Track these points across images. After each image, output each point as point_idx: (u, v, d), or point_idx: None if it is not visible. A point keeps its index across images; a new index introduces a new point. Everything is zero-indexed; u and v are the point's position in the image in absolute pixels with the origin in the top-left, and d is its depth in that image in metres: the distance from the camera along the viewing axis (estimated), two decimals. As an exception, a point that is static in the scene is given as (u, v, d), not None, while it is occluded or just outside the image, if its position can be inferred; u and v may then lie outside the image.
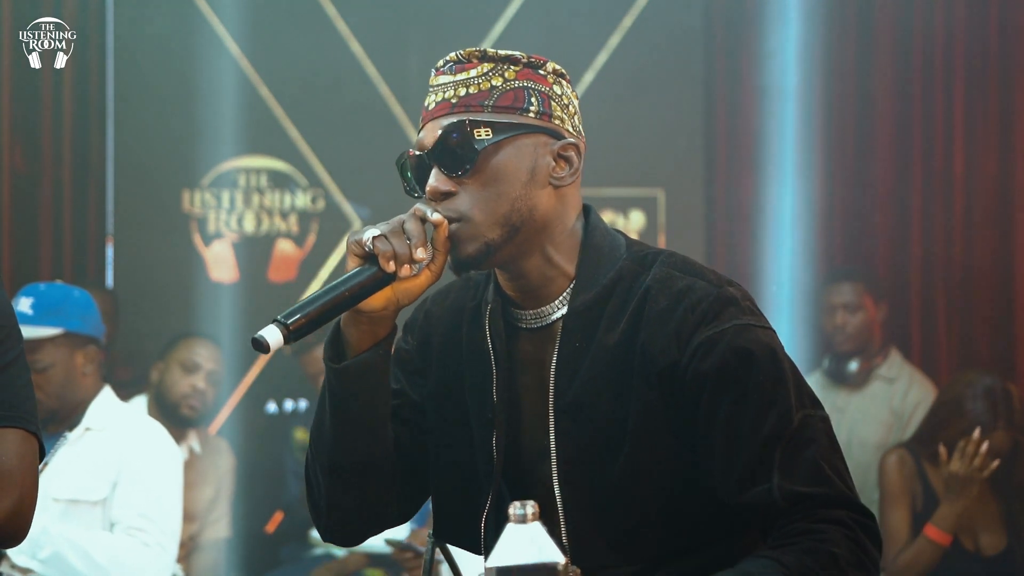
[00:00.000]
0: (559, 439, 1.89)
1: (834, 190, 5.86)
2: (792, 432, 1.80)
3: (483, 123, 1.86)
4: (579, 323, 1.90)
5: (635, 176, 5.95)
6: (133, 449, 3.64)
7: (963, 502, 4.29)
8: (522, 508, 1.57)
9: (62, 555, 3.41)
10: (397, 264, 1.82)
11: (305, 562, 5.01)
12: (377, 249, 1.82)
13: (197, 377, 4.87)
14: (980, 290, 5.73)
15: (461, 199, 1.87)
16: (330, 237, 5.97)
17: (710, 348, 1.83)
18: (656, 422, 1.85)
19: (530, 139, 1.89)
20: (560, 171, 1.91)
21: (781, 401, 1.81)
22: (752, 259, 5.84)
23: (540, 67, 1.92)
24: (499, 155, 1.87)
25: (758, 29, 5.89)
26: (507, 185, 1.87)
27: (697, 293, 1.86)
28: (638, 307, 1.88)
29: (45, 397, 3.51)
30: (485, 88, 1.88)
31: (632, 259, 1.93)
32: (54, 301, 3.60)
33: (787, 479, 1.78)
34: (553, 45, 5.89)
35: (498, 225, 1.87)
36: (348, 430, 1.93)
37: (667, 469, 1.85)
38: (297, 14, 5.95)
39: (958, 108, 5.76)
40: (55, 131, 5.71)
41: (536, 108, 1.89)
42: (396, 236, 1.83)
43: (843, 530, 1.77)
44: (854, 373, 5.18)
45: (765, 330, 1.87)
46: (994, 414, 4.39)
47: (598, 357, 1.88)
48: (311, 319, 1.80)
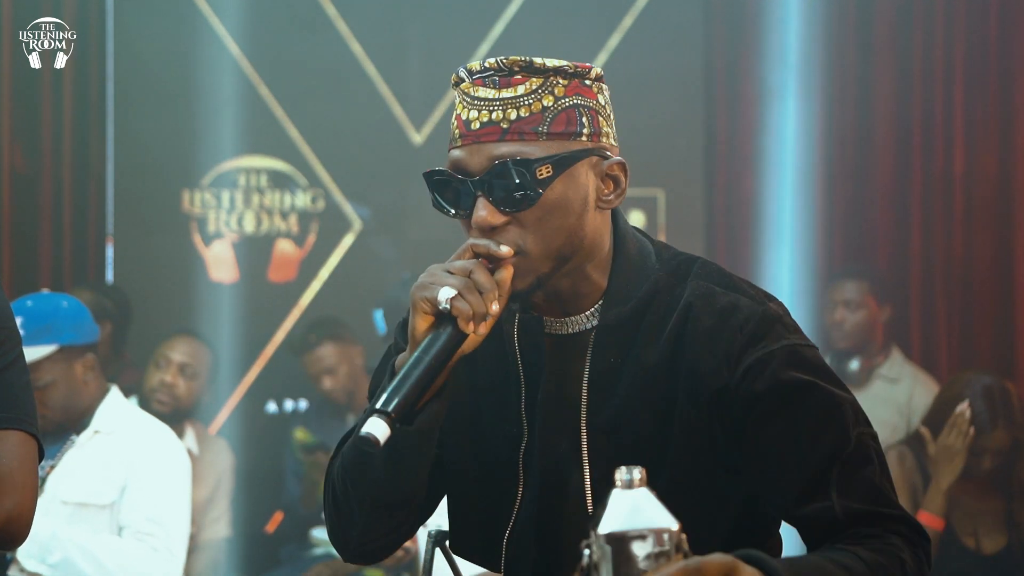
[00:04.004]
0: (592, 456, 1.84)
1: (834, 190, 5.86)
2: (850, 452, 1.78)
3: (543, 159, 1.76)
4: (613, 338, 1.84)
5: (635, 176, 5.86)
6: (142, 453, 3.64)
7: (949, 478, 4.34)
8: (628, 473, 1.50)
9: (71, 560, 3.41)
10: (476, 324, 1.72)
11: (305, 562, 5.01)
12: (457, 310, 1.71)
13: (167, 371, 4.86)
14: (980, 290, 5.73)
15: (514, 232, 1.78)
16: (330, 237, 5.97)
17: (761, 370, 1.78)
18: (699, 442, 1.81)
19: (584, 165, 1.80)
20: (608, 192, 1.84)
21: (838, 421, 1.78)
22: (752, 259, 5.84)
23: (586, 76, 1.83)
24: (557, 188, 1.78)
25: (758, 29, 5.89)
26: (564, 218, 1.78)
27: (744, 312, 1.81)
28: (679, 324, 1.82)
29: (50, 412, 3.50)
30: (537, 110, 1.78)
31: (666, 270, 1.87)
32: (44, 317, 3.55)
33: (845, 497, 1.76)
34: (553, 45, 5.89)
35: (552, 258, 1.79)
36: (401, 472, 1.83)
37: (706, 489, 1.82)
38: (297, 14, 5.95)
39: (958, 108, 5.76)
40: (55, 131, 5.71)
41: (588, 129, 1.81)
42: (471, 292, 1.72)
43: (907, 542, 1.76)
44: (855, 372, 5.18)
45: (812, 348, 1.83)
46: (993, 413, 4.40)
47: (636, 375, 1.83)
48: (409, 400, 1.71)
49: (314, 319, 5.67)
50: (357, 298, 5.74)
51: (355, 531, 1.91)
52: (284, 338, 5.90)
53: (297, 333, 5.71)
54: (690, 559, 1.46)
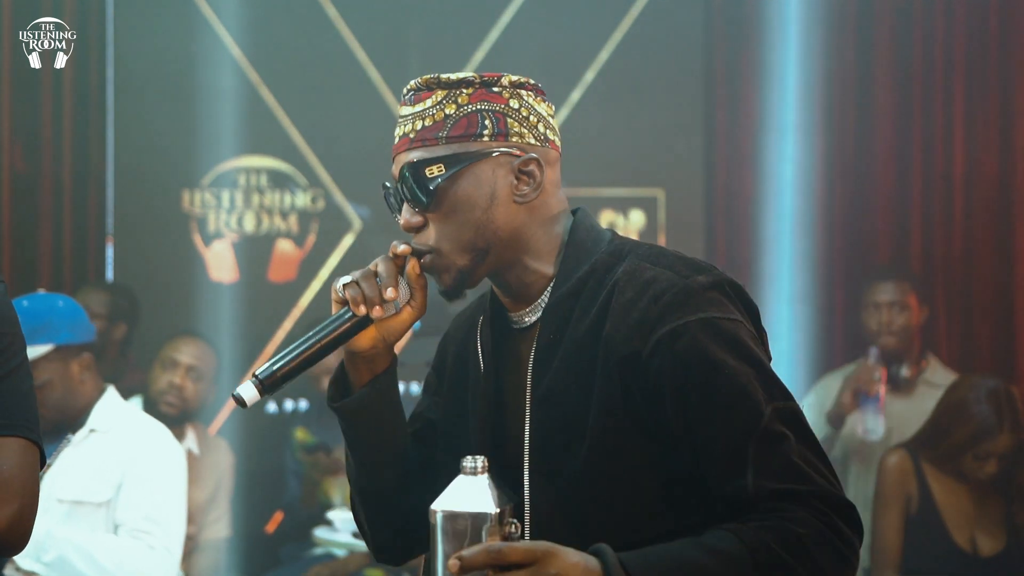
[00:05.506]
0: (533, 428, 1.91)
1: (834, 190, 5.86)
2: (763, 426, 1.79)
3: (435, 159, 1.90)
4: (554, 317, 1.92)
5: (635, 176, 5.95)
6: (138, 451, 3.64)
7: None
8: (473, 461, 1.74)
9: (67, 558, 3.41)
10: (368, 307, 1.90)
11: (305, 562, 5.01)
12: (347, 295, 1.91)
13: (174, 373, 4.87)
14: (980, 290, 5.74)
15: (430, 231, 1.93)
16: (330, 237, 5.97)
17: (672, 342, 1.82)
18: (618, 413, 1.84)
19: (487, 164, 1.91)
20: (523, 187, 1.93)
21: (750, 395, 1.80)
22: (752, 259, 5.84)
23: (494, 84, 1.93)
24: (455, 187, 1.91)
25: (758, 29, 5.89)
26: (467, 214, 1.91)
27: (661, 284, 1.86)
28: (606, 299, 1.89)
29: (47, 411, 3.49)
30: (439, 118, 1.92)
31: (609, 252, 1.94)
32: (39, 317, 3.54)
33: (761, 475, 1.77)
34: (553, 45, 5.90)
35: (465, 252, 1.92)
36: (366, 460, 2.01)
37: (629, 460, 1.85)
38: (297, 14, 5.95)
39: (958, 108, 5.76)
40: (55, 131, 5.71)
41: (490, 130, 1.92)
42: (367, 280, 1.92)
43: (813, 514, 1.76)
44: (905, 379, 5.06)
45: (731, 321, 1.84)
46: (999, 416, 4.39)
47: (568, 349, 1.90)
48: (288, 371, 1.87)
49: (314, 319, 5.67)
50: (357, 298, 5.73)
51: (366, 526, 2.06)
52: (284, 338, 5.90)
53: (297, 333, 5.71)
54: (504, 541, 1.67)
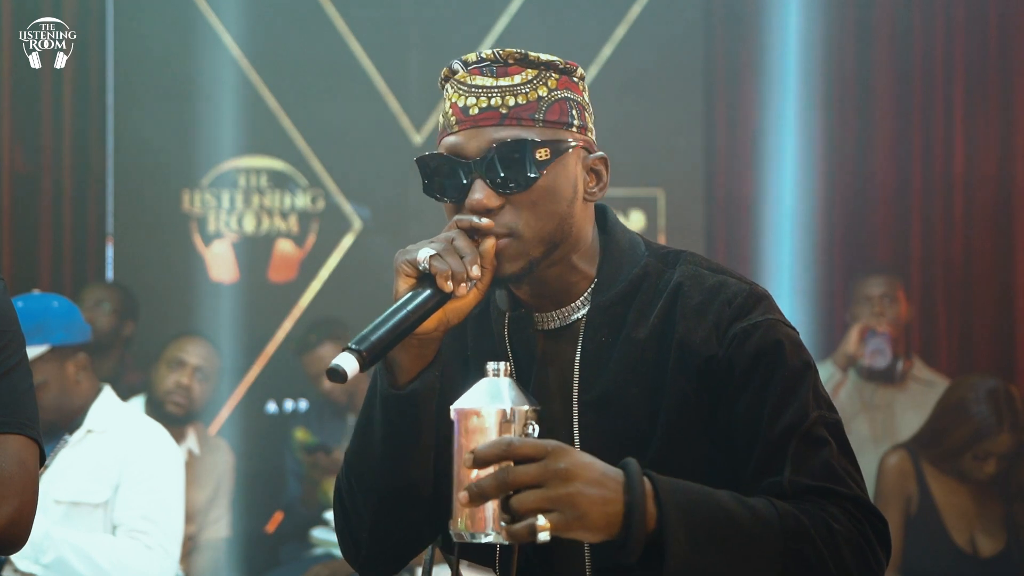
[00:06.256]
0: (583, 433, 1.88)
1: (834, 189, 5.86)
2: (807, 428, 1.81)
3: (541, 143, 1.83)
4: (603, 319, 1.89)
5: (635, 176, 5.95)
6: (135, 451, 3.64)
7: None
8: (497, 365, 1.67)
9: (65, 559, 3.41)
10: (455, 283, 1.77)
11: (305, 562, 5.01)
12: (435, 269, 1.77)
13: (182, 373, 4.88)
14: (980, 290, 5.74)
15: (508, 214, 1.84)
16: (330, 237, 5.97)
17: (745, 338, 1.84)
18: (690, 416, 1.85)
19: (574, 155, 1.87)
20: (592, 185, 1.91)
21: (800, 395, 1.83)
22: (752, 258, 5.84)
23: (574, 73, 1.89)
24: (551, 174, 1.84)
25: (758, 29, 5.90)
26: (556, 204, 1.85)
27: (731, 288, 1.88)
28: (669, 302, 1.88)
29: (43, 412, 3.45)
30: (533, 99, 1.85)
31: (655, 257, 1.94)
32: (34, 317, 3.52)
33: (799, 472, 1.79)
34: (553, 45, 5.88)
35: (543, 243, 1.85)
36: (402, 454, 1.87)
37: (695, 463, 1.85)
38: (297, 14, 5.95)
39: (958, 108, 5.76)
40: (55, 131, 5.72)
41: (577, 122, 1.88)
42: (451, 254, 1.79)
43: (847, 515, 1.77)
44: (899, 372, 5.13)
45: (793, 329, 1.90)
46: (999, 416, 4.40)
47: (626, 351, 1.87)
48: (384, 344, 1.74)
49: (314, 319, 5.67)
50: (357, 298, 5.74)
51: (364, 532, 1.91)
52: (284, 338, 5.90)
53: (297, 333, 5.71)
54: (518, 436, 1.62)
